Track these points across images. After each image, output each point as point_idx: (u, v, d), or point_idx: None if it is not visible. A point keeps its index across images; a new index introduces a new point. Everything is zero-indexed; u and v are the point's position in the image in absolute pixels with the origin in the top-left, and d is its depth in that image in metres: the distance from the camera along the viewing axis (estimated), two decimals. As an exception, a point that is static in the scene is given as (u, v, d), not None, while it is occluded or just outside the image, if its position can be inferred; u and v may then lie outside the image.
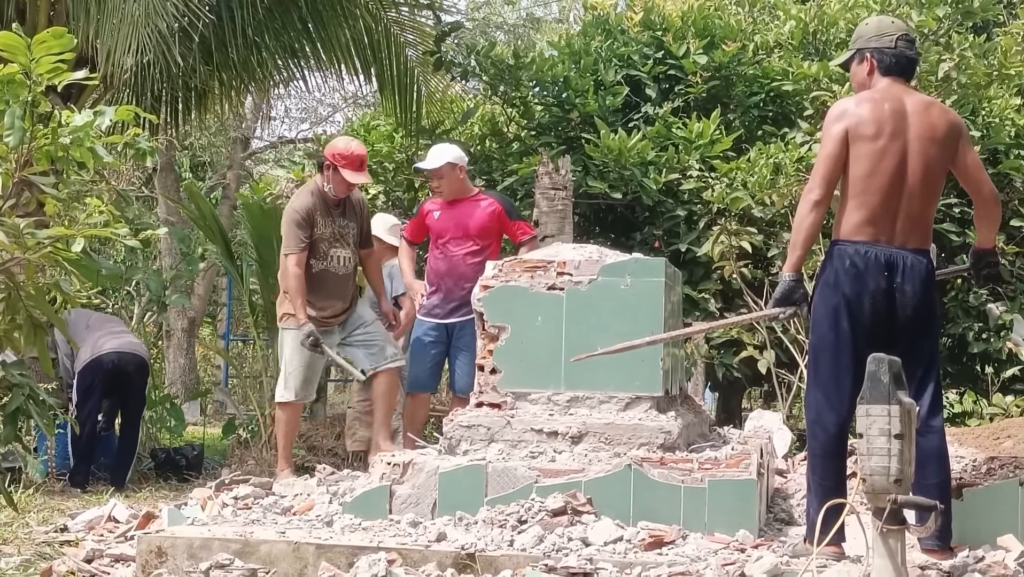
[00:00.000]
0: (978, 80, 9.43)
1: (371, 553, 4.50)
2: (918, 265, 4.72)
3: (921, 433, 4.40)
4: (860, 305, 4.68)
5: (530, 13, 25.01)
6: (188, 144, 21.19)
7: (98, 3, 8.57)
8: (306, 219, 7.06)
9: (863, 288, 4.67)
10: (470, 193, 7.68)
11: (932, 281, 4.81)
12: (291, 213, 7.11)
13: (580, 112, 10.21)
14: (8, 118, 4.24)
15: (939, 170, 4.80)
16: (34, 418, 4.44)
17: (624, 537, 4.73)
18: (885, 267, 4.68)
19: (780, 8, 11.06)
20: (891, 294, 4.68)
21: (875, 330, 4.69)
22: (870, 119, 4.74)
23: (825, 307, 4.77)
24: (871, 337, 4.65)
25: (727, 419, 9.78)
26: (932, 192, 4.80)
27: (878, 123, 4.73)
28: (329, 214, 7.20)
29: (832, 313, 4.73)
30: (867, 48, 4.93)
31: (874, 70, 4.90)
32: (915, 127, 4.77)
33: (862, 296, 4.68)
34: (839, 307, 4.71)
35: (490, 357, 5.64)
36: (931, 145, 4.75)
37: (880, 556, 3.93)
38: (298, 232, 7.03)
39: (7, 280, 4.31)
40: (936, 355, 4.88)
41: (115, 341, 8.28)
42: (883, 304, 4.69)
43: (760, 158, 9.18)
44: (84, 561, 4.94)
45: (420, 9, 10.86)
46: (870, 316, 4.69)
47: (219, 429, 11.08)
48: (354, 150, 7.17)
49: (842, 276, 4.70)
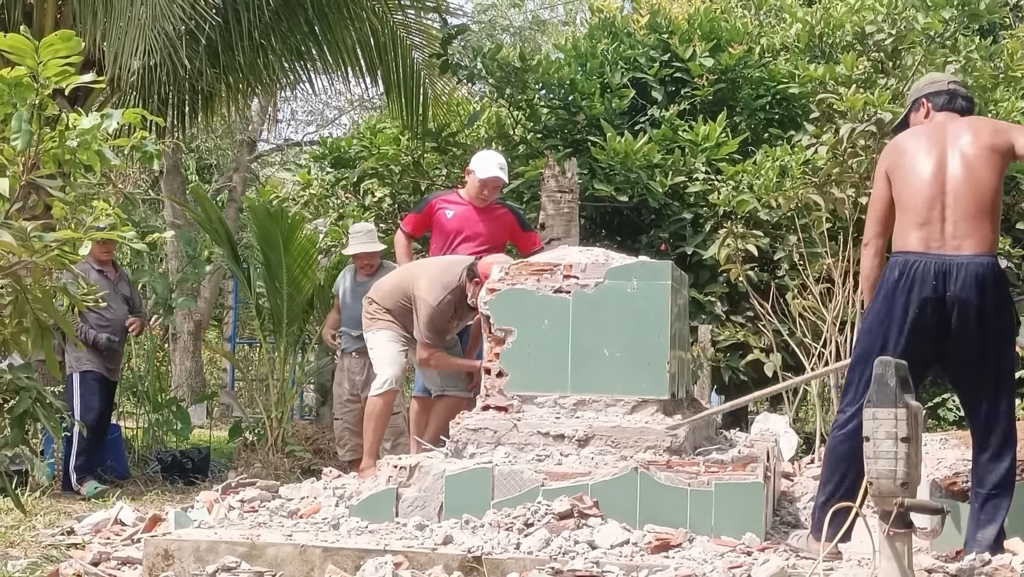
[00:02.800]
0: (984, 83, 9.42)
1: (377, 556, 4.50)
2: (978, 269, 4.58)
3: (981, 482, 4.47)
4: (907, 316, 4.61)
5: (536, 16, 25.01)
6: (195, 147, 21.23)
7: (105, 6, 8.58)
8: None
9: (911, 298, 4.60)
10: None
11: (999, 287, 4.65)
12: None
13: (586, 115, 10.22)
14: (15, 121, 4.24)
15: (985, 165, 4.67)
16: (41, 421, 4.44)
17: (630, 540, 4.72)
18: (935, 275, 4.58)
19: (786, 11, 11.06)
20: (942, 302, 4.58)
21: (924, 343, 4.61)
22: (903, 147, 4.78)
23: (874, 318, 4.75)
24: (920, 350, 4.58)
25: (733, 422, 9.77)
26: (980, 190, 4.64)
27: (913, 145, 4.75)
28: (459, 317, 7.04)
29: (879, 325, 4.70)
30: (921, 96, 4.98)
31: (929, 112, 4.93)
32: (952, 134, 4.75)
33: (909, 306, 4.60)
34: (887, 319, 4.67)
35: (496, 360, 5.64)
36: (971, 144, 4.68)
37: (887, 559, 3.93)
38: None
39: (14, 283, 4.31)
40: (1007, 376, 4.73)
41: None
42: (934, 314, 4.59)
43: (766, 161, 9.18)
44: (91, 564, 4.94)
45: (426, 12, 10.85)
46: (919, 327, 4.60)
47: (225, 432, 11.08)
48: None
49: (890, 287, 4.66)
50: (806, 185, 8.35)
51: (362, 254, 8.36)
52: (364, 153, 10.93)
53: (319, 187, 11.53)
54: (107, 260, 8.47)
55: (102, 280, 8.17)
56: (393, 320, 7.03)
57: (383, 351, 7.09)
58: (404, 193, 10.76)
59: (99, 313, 8.03)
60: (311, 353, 10.55)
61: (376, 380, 7.12)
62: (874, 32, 10.00)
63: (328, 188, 11.41)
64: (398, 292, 7.01)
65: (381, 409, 7.07)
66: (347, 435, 8.36)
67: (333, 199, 11.44)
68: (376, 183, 10.74)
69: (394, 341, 7.04)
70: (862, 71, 9.78)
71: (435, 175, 10.72)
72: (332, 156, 11.29)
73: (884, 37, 9.94)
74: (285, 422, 9.41)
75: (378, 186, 10.72)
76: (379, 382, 7.07)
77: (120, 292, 8.50)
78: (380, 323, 7.08)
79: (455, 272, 6.80)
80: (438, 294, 6.78)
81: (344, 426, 8.41)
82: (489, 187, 7.53)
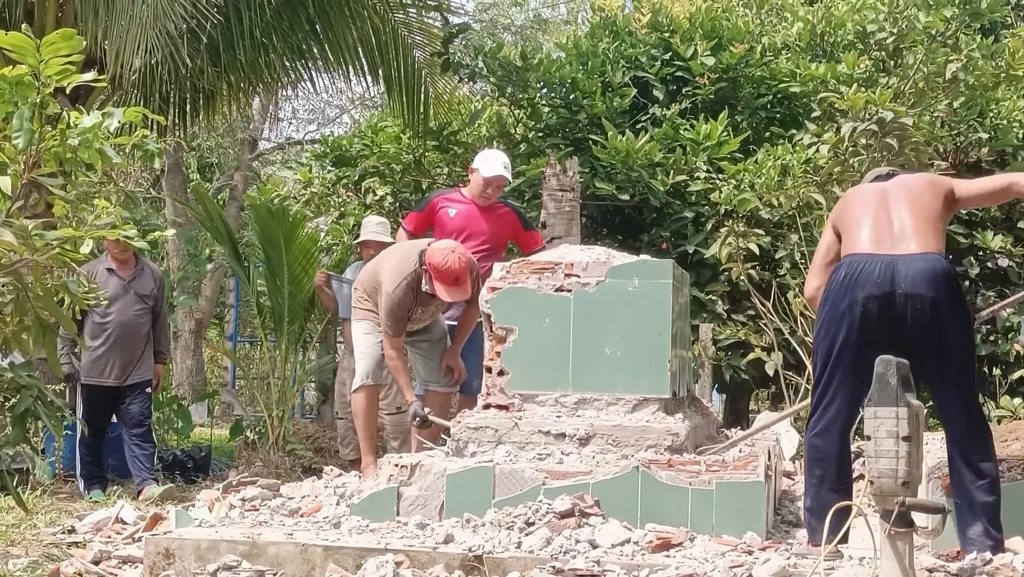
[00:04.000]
0: (986, 81, 9.41)
1: (378, 555, 4.50)
2: (928, 264, 4.61)
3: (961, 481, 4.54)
4: (853, 313, 4.64)
5: (538, 14, 25.00)
6: (196, 145, 21.23)
7: (106, 4, 8.58)
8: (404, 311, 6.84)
9: (856, 295, 4.64)
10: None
11: (950, 282, 4.67)
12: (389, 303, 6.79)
13: (588, 113, 10.22)
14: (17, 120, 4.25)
15: (928, 193, 4.81)
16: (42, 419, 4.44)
17: (632, 539, 4.72)
18: (881, 272, 4.62)
19: (788, 10, 11.06)
20: (890, 301, 4.60)
21: (871, 340, 4.62)
22: (844, 201, 5.06)
23: (818, 321, 4.81)
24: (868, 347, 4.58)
25: (734, 421, 9.77)
26: (925, 212, 4.74)
27: (859, 193, 5.00)
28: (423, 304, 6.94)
29: (824, 326, 4.76)
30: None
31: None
32: (895, 181, 4.95)
33: (854, 305, 4.63)
34: (830, 320, 4.71)
35: (498, 359, 5.64)
36: (914, 179, 4.94)
37: (888, 558, 3.93)
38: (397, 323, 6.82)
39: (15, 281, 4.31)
40: (963, 372, 4.73)
41: None
42: (881, 312, 4.61)
43: (768, 160, 9.18)
44: (92, 563, 4.94)
45: (428, 10, 10.85)
46: (863, 325, 4.64)
47: (226, 431, 11.09)
48: (450, 265, 6.56)
49: (834, 287, 4.71)
50: (807, 184, 8.36)
51: (371, 242, 8.38)
52: (365, 152, 10.93)
53: (320, 186, 11.53)
54: (123, 259, 8.19)
55: (111, 279, 8.05)
56: (372, 308, 7.00)
57: (359, 343, 7.10)
58: (405, 192, 10.76)
59: (99, 313, 7.91)
60: (312, 351, 10.55)
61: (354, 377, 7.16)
62: (875, 31, 10.00)
63: (329, 187, 11.42)
64: (373, 279, 7.00)
65: (363, 405, 7.05)
66: (350, 434, 8.36)
67: (334, 198, 11.45)
68: (377, 182, 10.74)
69: (369, 332, 7.02)
70: (863, 70, 9.78)
71: (436, 174, 10.72)
72: (333, 155, 11.30)
73: (885, 36, 9.93)
74: (286, 421, 9.41)
75: (379, 185, 10.71)
76: (356, 378, 7.11)
77: (135, 291, 8.18)
78: (360, 312, 7.08)
79: (412, 258, 6.74)
80: (395, 280, 6.71)
81: (348, 425, 8.41)
82: (493, 186, 7.53)
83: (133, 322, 8.17)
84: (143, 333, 8.25)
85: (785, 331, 8.21)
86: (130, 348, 8.16)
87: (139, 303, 8.21)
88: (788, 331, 8.19)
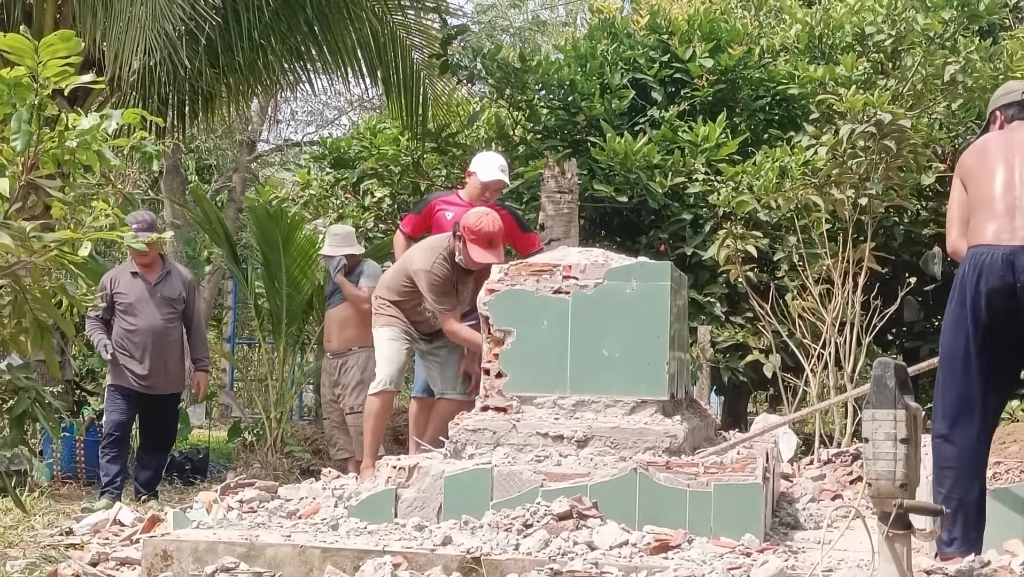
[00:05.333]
0: (984, 83, 9.42)
1: (377, 557, 4.50)
2: None
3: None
4: (978, 309, 4.58)
5: (536, 16, 25.02)
6: (194, 147, 21.23)
7: (105, 6, 8.58)
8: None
9: (979, 289, 4.57)
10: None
11: None
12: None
13: (586, 115, 10.23)
14: (15, 121, 4.25)
15: None
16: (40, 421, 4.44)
17: (630, 541, 4.72)
18: (1003, 264, 4.53)
19: (786, 12, 11.07)
20: (1011, 293, 4.52)
21: (1001, 336, 4.57)
22: (973, 152, 4.84)
23: (948, 316, 4.74)
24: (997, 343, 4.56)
25: (733, 423, 9.77)
26: None
27: (981, 150, 4.81)
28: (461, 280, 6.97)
29: (955, 323, 4.68)
30: (995, 108, 5.01)
31: (1004, 124, 4.95)
32: (1018, 141, 4.77)
33: (978, 299, 4.57)
34: (961, 315, 4.64)
35: (496, 361, 5.63)
36: None
37: (886, 560, 3.93)
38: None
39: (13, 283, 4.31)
40: None
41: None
42: (1003, 304, 4.53)
43: (766, 162, 9.18)
44: (89, 564, 4.93)
45: (426, 12, 10.87)
46: (991, 318, 4.56)
47: (224, 432, 11.10)
48: (484, 227, 6.68)
49: (961, 281, 4.65)
50: (805, 186, 8.36)
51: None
52: (364, 153, 10.94)
53: (319, 187, 11.54)
54: (147, 263, 7.83)
55: (136, 283, 7.79)
56: (396, 314, 6.99)
57: (381, 349, 7.07)
58: (404, 193, 10.77)
59: (126, 319, 7.73)
60: (310, 353, 10.55)
61: (375, 379, 7.12)
62: (874, 33, 10.01)
63: (328, 188, 11.43)
64: (399, 277, 6.99)
65: (378, 409, 7.04)
66: (336, 433, 8.39)
67: (333, 199, 11.46)
68: (376, 183, 10.75)
69: (394, 339, 7.02)
70: (862, 72, 9.79)
71: (435, 175, 10.73)
72: (332, 156, 11.30)
73: (884, 38, 9.95)
74: (284, 422, 9.41)
75: (378, 186, 10.73)
76: (375, 381, 7.07)
77: (162, 295, 7.84)
78: (383, 319, 7.06)
79: (441, 240, 6.91)
80: (430, 257, 6.79)
81: (332, 425, 8.43)
82: (491, 189, 7.53)
83: (162, 328, 7.84)
84: (173, 339, 7.95)
85: (783, 333, 8.21)
86: (158, 355, 7.83)
87: (167, 307, 7.88)
88: (786, 333, 8.18)
